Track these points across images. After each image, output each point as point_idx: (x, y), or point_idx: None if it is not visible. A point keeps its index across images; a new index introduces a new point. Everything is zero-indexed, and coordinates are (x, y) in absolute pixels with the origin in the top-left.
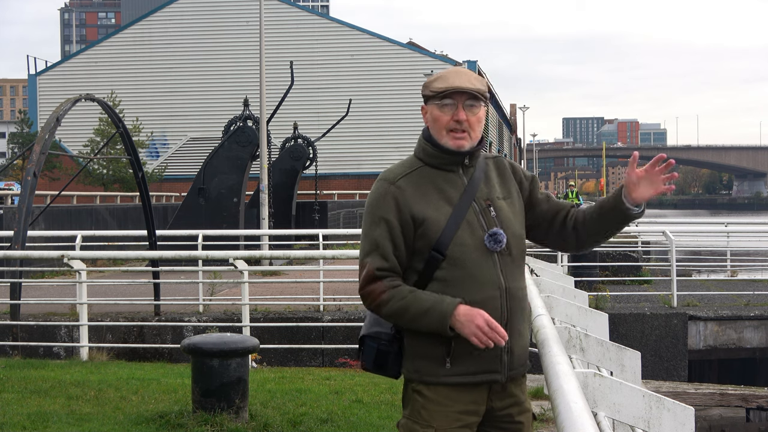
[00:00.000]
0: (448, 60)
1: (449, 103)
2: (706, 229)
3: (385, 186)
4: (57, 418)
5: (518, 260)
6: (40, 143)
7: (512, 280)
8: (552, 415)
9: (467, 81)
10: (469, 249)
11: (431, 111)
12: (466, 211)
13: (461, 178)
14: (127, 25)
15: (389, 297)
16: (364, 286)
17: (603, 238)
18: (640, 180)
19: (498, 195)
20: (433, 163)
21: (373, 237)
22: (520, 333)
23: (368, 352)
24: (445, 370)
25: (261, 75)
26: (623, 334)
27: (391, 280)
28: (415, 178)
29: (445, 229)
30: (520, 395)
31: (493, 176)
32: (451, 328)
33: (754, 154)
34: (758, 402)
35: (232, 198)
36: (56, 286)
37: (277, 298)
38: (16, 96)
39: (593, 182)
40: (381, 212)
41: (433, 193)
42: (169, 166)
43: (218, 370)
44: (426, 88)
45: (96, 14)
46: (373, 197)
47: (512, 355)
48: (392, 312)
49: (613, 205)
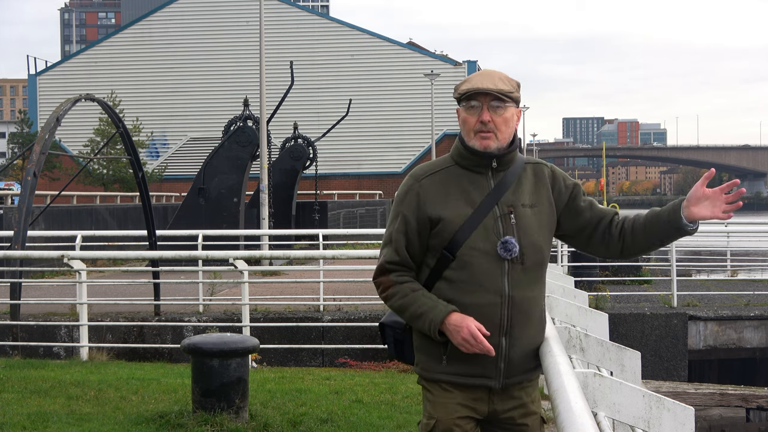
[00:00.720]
0: (448, 60)
1: (475, 105)
2: (706, 229)
3: (410, 182)
4: (57, 418)
5: (532, 270)
6: (40, 143)
7: (519, 289)
8: (552, 415)
9: (490, 82)
10: (480, 253)
11: (460, 113)
12: (485, 215)
13: (488, 180)
14: (127, 25)
15: (393, 293)
16: (376, 277)
17: (650, 248)
18: (704, 198)
19: (524, 202)
20: (462, 163)
21: (391, 230)
22: (522, 342)
23: (388, 339)
24: (441, 367)
25: (261, 75)
26: (623, 334)
27: (399, 274)
28: (442, 177)
29: (460, 230)
30: (524, 398)
31: (526, 182)
32: (441, 333)
33: (754, 154)
34: (758, 402)
35: (232, 198)
36: (56, 286)
37: (277, 298)
38: (16, 96)
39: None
40: (401, 207)
41: (456, 193)
42: (169, 166)
43: (218, 370)
44: (455, 91)
45: (96, 14)
46: (400, 192)
47: (510, 363)
48: (395, 308)
49: (670, 217)
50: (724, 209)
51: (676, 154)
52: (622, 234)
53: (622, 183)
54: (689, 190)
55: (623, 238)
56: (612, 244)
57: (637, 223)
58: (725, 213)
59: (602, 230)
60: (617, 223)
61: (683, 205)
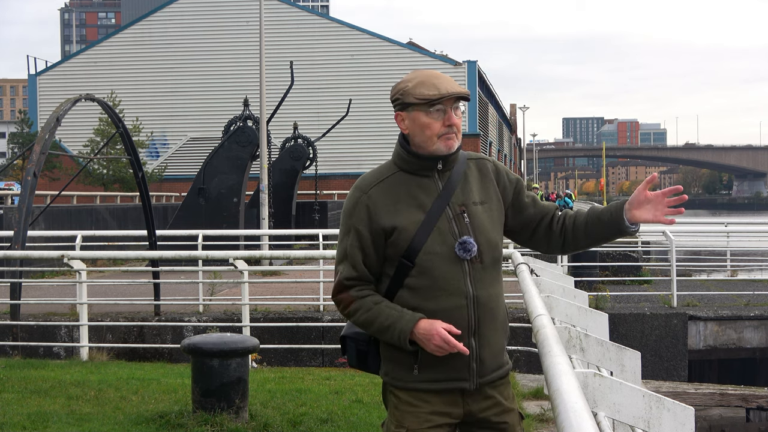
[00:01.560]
0: (448, 60)
1: (440, 108)
2: (706, 229)
3: (357, 195)
4: (57, 418)
5: (491, 267)
6: (40, 143)
7: (482, 288)
8: (552, 415)
9: (454, 85)
10: (438, 257)
11: (417, 118)
12: (438, 218)
13: (436, 183)
14: (127, 25)
15: (356, 308)
16: (335, 294)
17: (590, 246)
18: (646, 201)
19: (474, 200)
20: (407, 168)
21: (344, 246)
22: (489, 341)
23: (350, 351)
24: (413, 376)
25: (261, 75)
26: (623, 334)
27: (359, 289)
28: (388, 186)
29: (415, 237)
30: (498, 397)
31: (472, 179)
32: (413, 342)
33: (754, 154)
34: (758, 402)
35: (232, 198)
36: (56, 286)
37: (277, 298)
38: (16, 96)
39: (593, 182)
40: (352, 221)
41: (405, 200)
42: (169, 166)
43: (218, 370)
44: (407, 95)
45: (96, 14)
46: (347, 206)
47: (482, 363)
48: (359, 323)
49: (612, 219)
50: (665, 213)
51: (676, 154)
52: (563, 231)
53: (622, 183)
54: (688, 190)
55: (564, 235)
56: (553, 240)
57: (578, 221)
58: (667, 217)
59: (545, 226)
60: (558, 219)
61: (625, 207)
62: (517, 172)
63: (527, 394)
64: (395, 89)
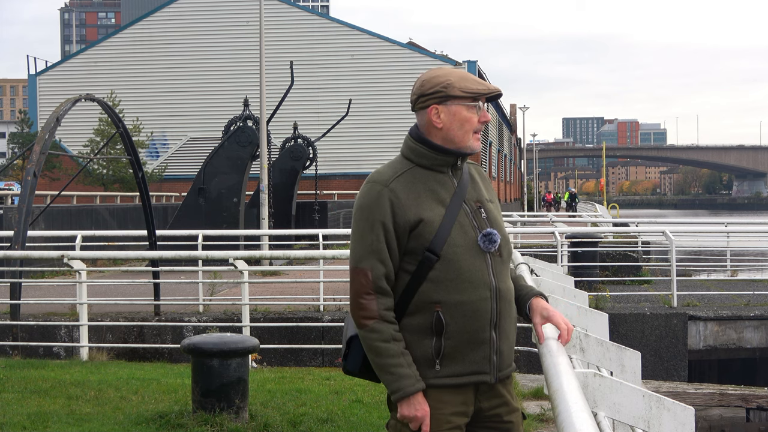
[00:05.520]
0: (448, 60)
1: (478, 105)
2: (706, 229)
3: (378, 188)
4: (57, 418)
5: (507, 261)
6: (40, 143)
7: (502, 281)
8: (552, 415)
9: (489, 84)
10: (462, 249)
11: (458, 112)
12: (458, 212)
13: (451, 179)
14: (127, 25)
15: (375, 328)
16: (363, 294)
17: None
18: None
19: (486, 197)
20: (425, 164)
21: (369, 241)
22: (508, 334)
23: (355, 354)
24: (434, 372)
25: (261, 75)
26: (623, 334)
27: (387, 308)
28: (407, 180)
29: (439, 230)
30: (506, 395)
31: (477, 179)
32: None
33: (754, 154)
34: (758, 402)
35: (232, 198)
36: (56, 286)
37: (277, 298)
38: (16, 96)
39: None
40: (376, 215)
41: (425, 193)
42: (169, 166)
43: (218, 370)
44: (452, 87)
45: (96, 14)
46: (366, 201)
47: (501, 355)
48: (368, 345)
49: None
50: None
51: (676, 154)
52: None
53: (622, 183)
54: (688, 190)
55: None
56: None
57: (517, 279)
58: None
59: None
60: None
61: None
62: (517, 172)
63: (527, 394)
64: (433, 82)
